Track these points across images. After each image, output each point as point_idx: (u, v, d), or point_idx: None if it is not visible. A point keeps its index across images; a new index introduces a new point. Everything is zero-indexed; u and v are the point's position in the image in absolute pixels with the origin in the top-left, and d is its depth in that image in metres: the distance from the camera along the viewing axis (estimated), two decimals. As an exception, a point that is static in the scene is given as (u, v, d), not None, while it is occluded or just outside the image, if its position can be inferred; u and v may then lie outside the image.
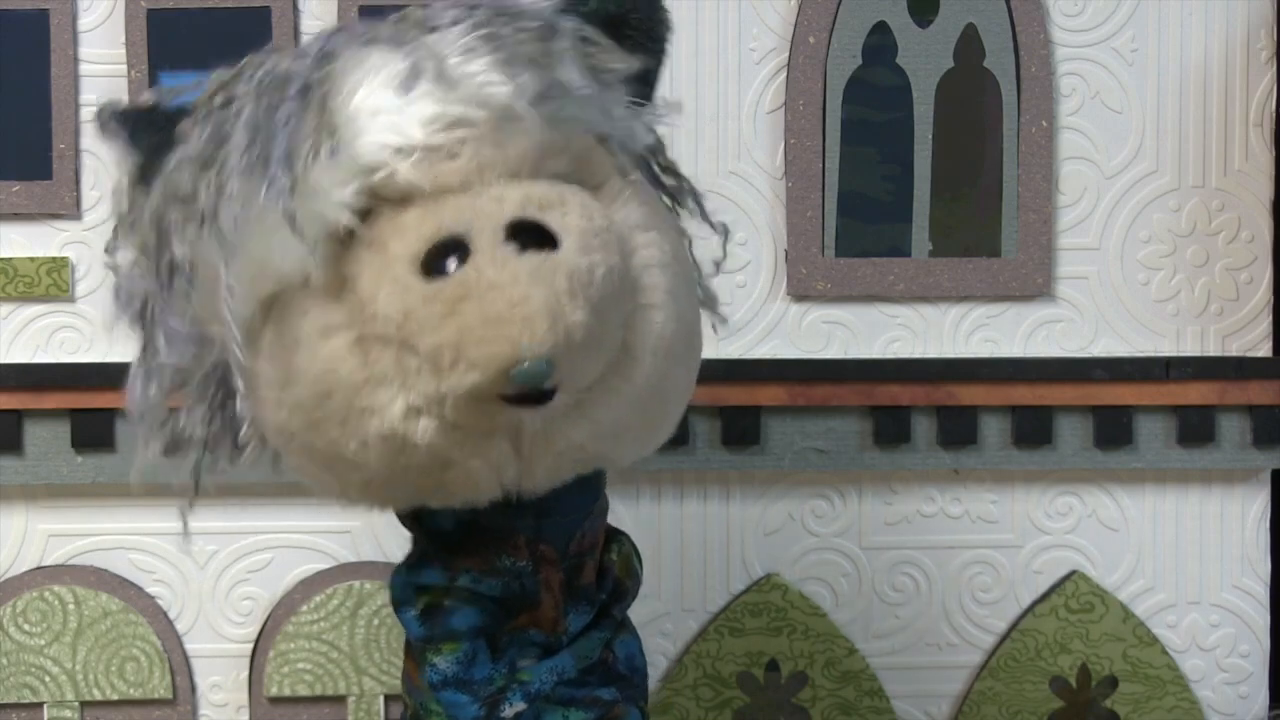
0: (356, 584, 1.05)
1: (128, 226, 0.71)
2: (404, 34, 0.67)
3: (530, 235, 0.64)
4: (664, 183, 0.75)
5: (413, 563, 0.74)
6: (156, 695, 1.04)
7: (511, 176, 0.66)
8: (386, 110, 0.65)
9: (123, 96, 1.02)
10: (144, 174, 0.70)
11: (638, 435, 0.71)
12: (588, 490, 0.73)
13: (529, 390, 0.64)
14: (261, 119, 0.65)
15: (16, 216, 1.03)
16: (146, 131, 0.70)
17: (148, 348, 0.70)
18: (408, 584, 0.74)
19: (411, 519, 0.75)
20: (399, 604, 0.74)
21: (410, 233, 0.65)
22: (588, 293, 0.64)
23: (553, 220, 0.65)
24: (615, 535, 0.76)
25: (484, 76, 0.65)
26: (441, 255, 0.64)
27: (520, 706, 0.72)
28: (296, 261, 0.65)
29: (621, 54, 0.69)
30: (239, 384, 0.68)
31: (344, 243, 0.66)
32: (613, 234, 0.67)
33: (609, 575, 0.75)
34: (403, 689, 0.77)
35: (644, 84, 0.71)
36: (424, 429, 0.65)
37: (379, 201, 0.66)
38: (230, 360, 0.68)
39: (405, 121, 0.65)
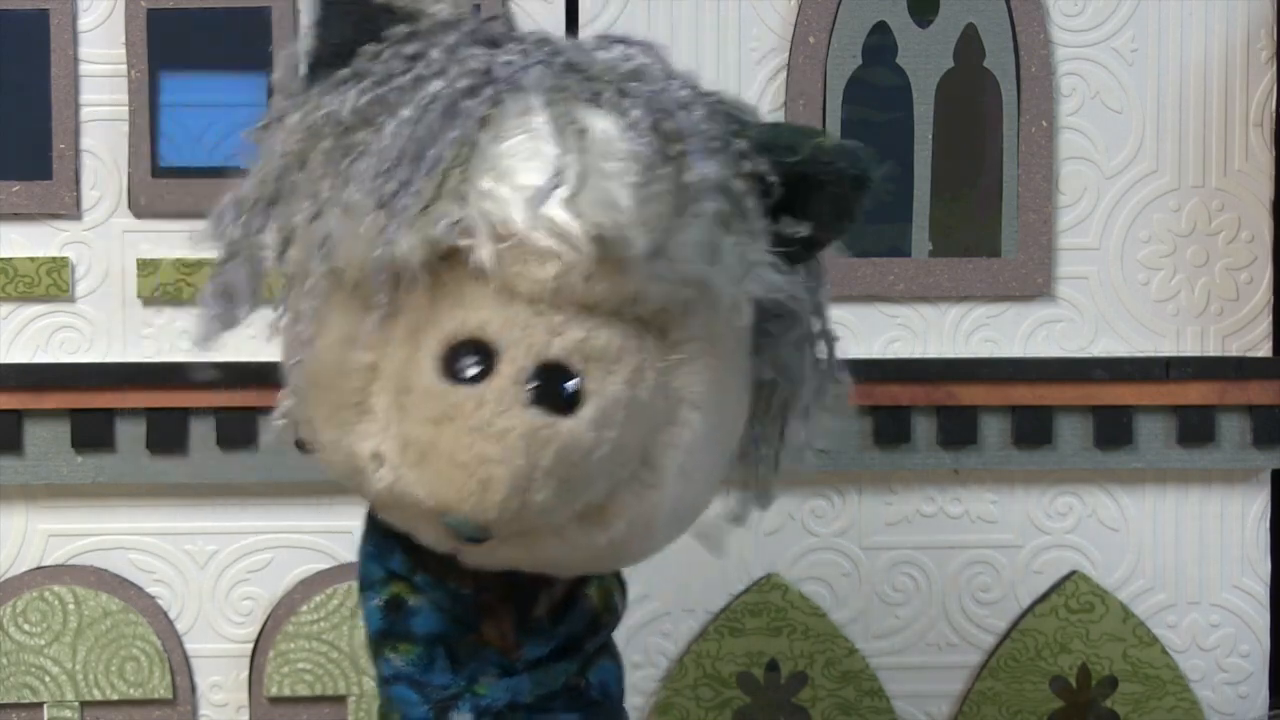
0: (356, 584, 1.04)
1: (262, 127, 0.68)
2: (576, 109, 0.63)
3: (557, 384, 0.62)
4: (774, 355, 0.69)
5: (379, 541, 0.73)
6: (156, 695, 1.04)
7: (585, 308, 0.62)
8: (511, 186, 0.61)
9: (121, 95, 1.02)
10: (313, 71, 0.67)
11: (588, 568, 0.70)
12: None
13: (461, 533, 0.63)
14: (412, 144, 0.62)
15: (16, 216, 1.03)
16: (341, 20, 0.66)
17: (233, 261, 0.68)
18: (375, 571, 0.73)
19: None
20: (364, 586, 0.73)
21: (459, 312, 0.63)
22: (570, 472, 0.61)
23: (592, 377, 0.62)
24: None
25: (619, 206, 0.60)
26: (469, 353, 0.62)
27: (468, 717, 0.71)
28: (360, 267, 0.63)
29: (793, 220, 0.65)
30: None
31: (403, 277, 0.63)
32: (651, 409, 0.63)
33: (581, 608, 0.73)
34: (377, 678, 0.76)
35: (806, 247, 0.67)
36: (381, 478, 0.65)
37: (453, 257, 0.63)
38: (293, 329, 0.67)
39: (519, 208, 0.61)
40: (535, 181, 0.61)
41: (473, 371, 0.62)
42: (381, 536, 0.72)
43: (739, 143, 0.64)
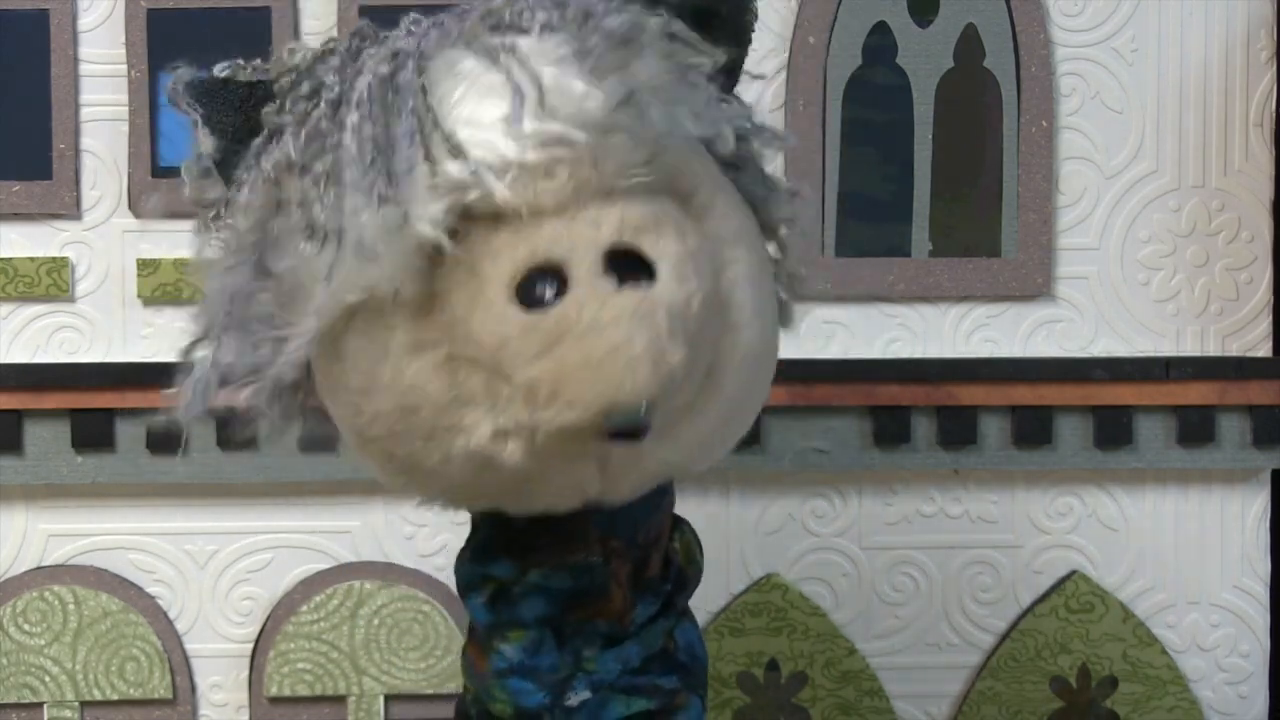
0: (356, 584, 1.05)
1: (213, 219, 0.69)
2: (494, 38, 0.65)
3: (627, 264, 0.63)
4: (749, 184, 0.72)
5: (479, 552, 0.73)
6: (156, 695, 1.04)
7: (605, 194, 0.64)
8: (483, 125, 0.63)
9: (122, 95, 1.02)
10: (225, 162, 0.68)
11: (719, 446, 0.71)
12: (660, 486, 0.73)
13: (626, 430, 0.63)
14: (380, 134, 0.63)
15: (16, 216, 1.03)
16: (223, 111, 0.68)
17: (220, 348, 0.69)
18: (475, 573, 0.73)
19: (481, 513, 0.74)
20: (466, 590, 0.74)
21: (504, 256, 0.63)
22: (686, 328, 0.63)
23: (648, 245, 0.64)
24: (677, 524, 0.76)
25: (580, 91, 0.63)
26: (537, 281, 0.63)
27: (585, 695, 0.72)
28: (389, 276, 0.64)
29: (708, 48, 0.67)
30: (318, 386, 0.67)
31: (434, 258, 0.64)
32: (704, 254, 0.65)
33: (672, 564, 0.74)
34: (464, 674, 0.76)
35: (728, 77, 0.70)
36: (512, 451, 0.65)
37: (471, 218, 0.64)
38: (310, 361, 0.67)
39: (502, 139, 0.63)
40: (503, 109, 0.63)
41: (551, 294, 0.63)
42: (484, 545, 0.73)
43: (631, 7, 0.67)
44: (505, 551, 0.72)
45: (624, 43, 0.65)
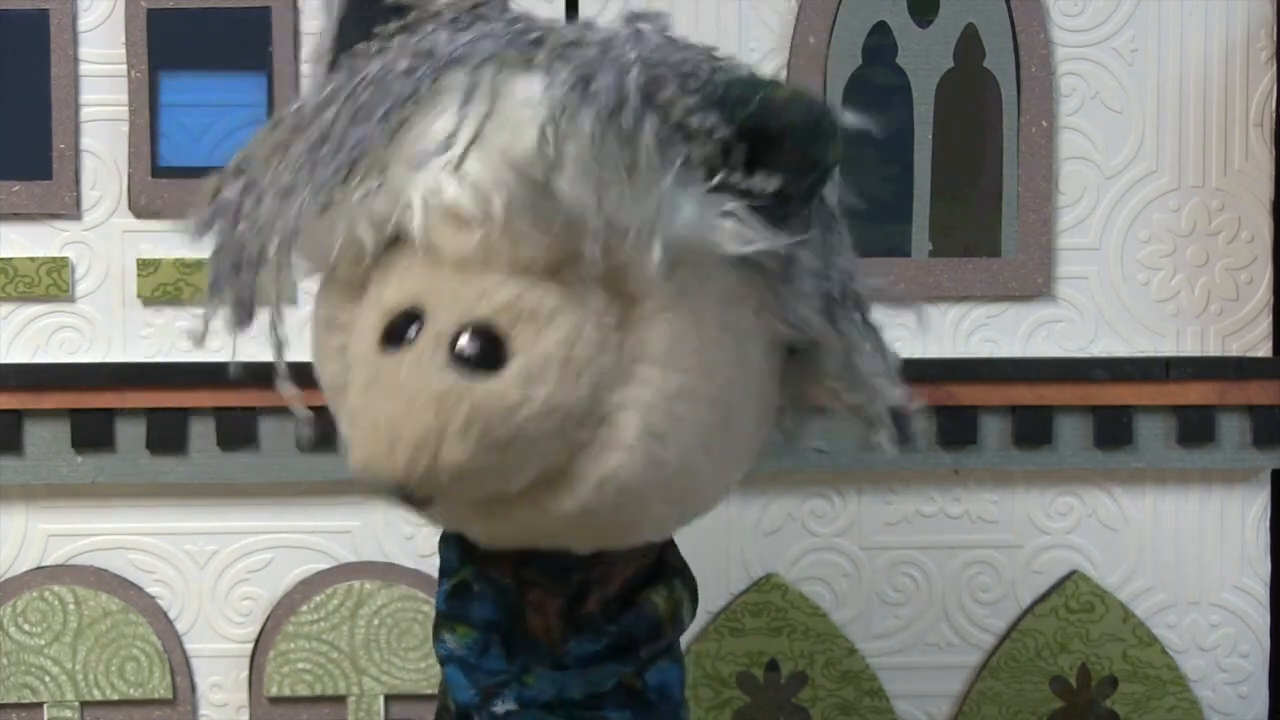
0: (356, 584, 1.05)
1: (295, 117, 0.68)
2: (521, 77, 0.62)
3: (483, 346, 0.61)
4: (788, 316, 0.67)
5: (446, 537, 0.74)
6: (156, 695, 1.04)
7: (520, 267, 0.62)
8: (437, 156, 0.61)
9: (121, 95, 1.02)
10: (336, 56, 0.67)
11: (586, 542, 0.68)
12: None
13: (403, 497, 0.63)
14: (338, 127, 0.63)
15: (16, 216, 1.03)
16: (355, 23, 0.67)
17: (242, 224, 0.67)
18: (449, 559, 0.74)
19: None
20: (441, 573, 0.74)
21: (402, 285, 0.64)
22: (490, 430, 0.60)
23: (521, 336, 0.61)
24: (668, 577, 0.73)
25: (550, 167, 0.60)
26: (407, 322, 0.63)
27: (511, 706, 0.71)
28: (327, 256, 0.66)
29: (764, 174, 0.62)
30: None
31: (364, 253, 0.65)
32: (595, 365, 0.62)
33: (642, 612, 0.71)
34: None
35: (783, 203, 0.64)
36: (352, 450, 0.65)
37: (402, 233, 0.64)
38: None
39: (441, 176, 0.61)
40: (448, 144, 0.61)
41: (409, 341, 0.62)
42: (446, 533, 0.74)
43: (687, 99, 0.62)
44: (455, 538, 0.73)
45: (618, 136, 0.60)
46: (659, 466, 0.64)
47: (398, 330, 0.63)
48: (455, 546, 0.73)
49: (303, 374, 0.67)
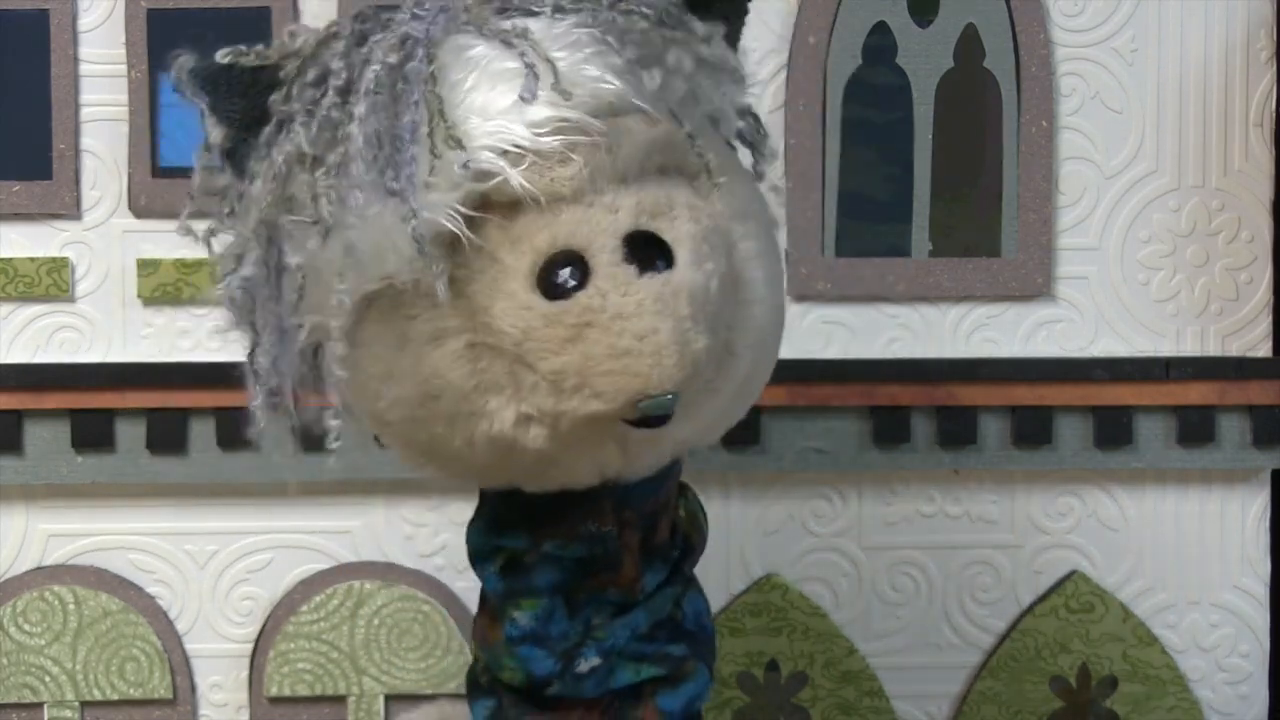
0: (356, 584, 1.05)
1: (227, 214, 0.69)
2: (505, 22, 0.65)
3: (646, 249, 0.64)
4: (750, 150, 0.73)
5: (491, 523, 0.74)
6: (156, 695, 1.04)
7: (620, 179, 0.65)
8: (498, 113, 0.63)
9: (121, 95, 1.02)
10: (235, 151, 0.68)
11: (731, 418, 0.73)
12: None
13: (654, 417, 0.64)
14: (384, 127, 0.63)
15: (16, 216, 1.03)
16: (229, 98, 0.67)
17: (260, 343, 0.69)
18: (487, 543, 0.74)
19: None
20: (477, 559, 0.74)
21: (524, 244, 0.64)
22: (707, 312, 0.64)
23: (665, 229, 0.65)
24: (681, 490, 0.76)
25: (594, 75, 0.64)
26: (558, 268, 0.64)
27: (595, 661, 0.72)
28: (408, 265, 0.64)
29: (707, 25, 0.68)
30: (336, 373, 0.67)
31: (453, 245, 0.64)
32: (718, 233, 0.66)
33: (678, 532, 0.75)
34: (474, 643, 0.77)
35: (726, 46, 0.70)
36: (535, 436, 0.65)
37: (488, 206, 0.64)
38: (328, 351, 0.67)
39: (517, 126, 0.63)
40: (515, 95, 0.63)
41: (573, 282, 0.63)
42: (495, 518, 0.73)
43: None
44: (518, 523, 0.72)
45: (634, 27, 0.65)
46: (777, 306, 0.71)
47: (555, 279, 0.64)
48: (519, 530, 0.72)
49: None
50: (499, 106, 0.63)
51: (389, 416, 0.68)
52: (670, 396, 0.63)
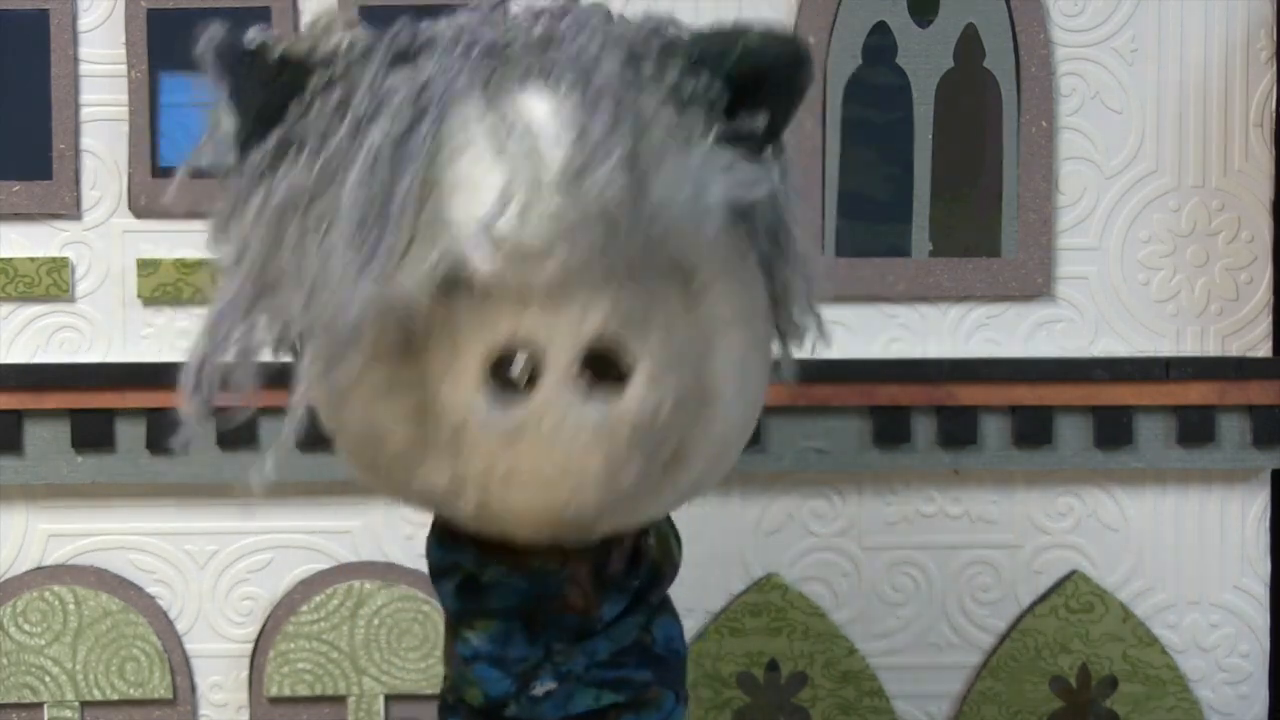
0: (356, 584, 1.05)
1: (227, 216, 0.67)
2: (516, 95, 0.63)
3: (604, 362, 0.62)
4: (765, 241, 0.69)
5: (444, 537, 0.74)
6: (156, 695, 1.04)
7: (604, 278, 0.62)
8: (483, 196, 0.61)
9: (121, 95, 1.02)
10: (247, 143, 0.65)
11: (682, 502, 0.71)
12: None
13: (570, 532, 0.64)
14: (379, 195, 0.61)
15: (16, 216, 1.03)
16: (250, 87, 0.65)
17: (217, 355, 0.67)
18: (445, 559, 0.73)
19: None
20: (436, 575, 0.74)
21: (486, 332, 0.62)
22: (648, 441, 0.62)
23: (633, 342, 0.62)
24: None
25: (595, 177, 0.60)
26: (512, 360, 0.62)
27: (551, 685, 0.72)
28: (371, 333, 0.63)
29: (748, 115, 0.64)
30: (299, 385, 0.65)
31: (424, 312, 0.63)
32: (692, 346, 0.64)
33: (644, 559, 0.74)
34: (443, 658, 0.77)
35: (766, 137, 0.66)
36: (466, 502, 0.65)
37: (461, 284, 0.62)
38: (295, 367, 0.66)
39: (502, 213, 0.61)
40: (505, 175, 0.61)
41: (521, 374, 0.62)
42: (446, 534, 0.73)
43: (672, 66, 0.64)
44: (467, 543, 0.72)
45: (635, 125, 0.62)
46: (748, 417, 0.69)
47: (507, 375, 0.62)
48: (467, 549, 0.72)
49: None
50: (487, 190, 0.61)
51: (339, 441, 0.68)
52: (590, 515, 0.63)
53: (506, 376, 0.62)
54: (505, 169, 0.61)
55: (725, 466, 0.70)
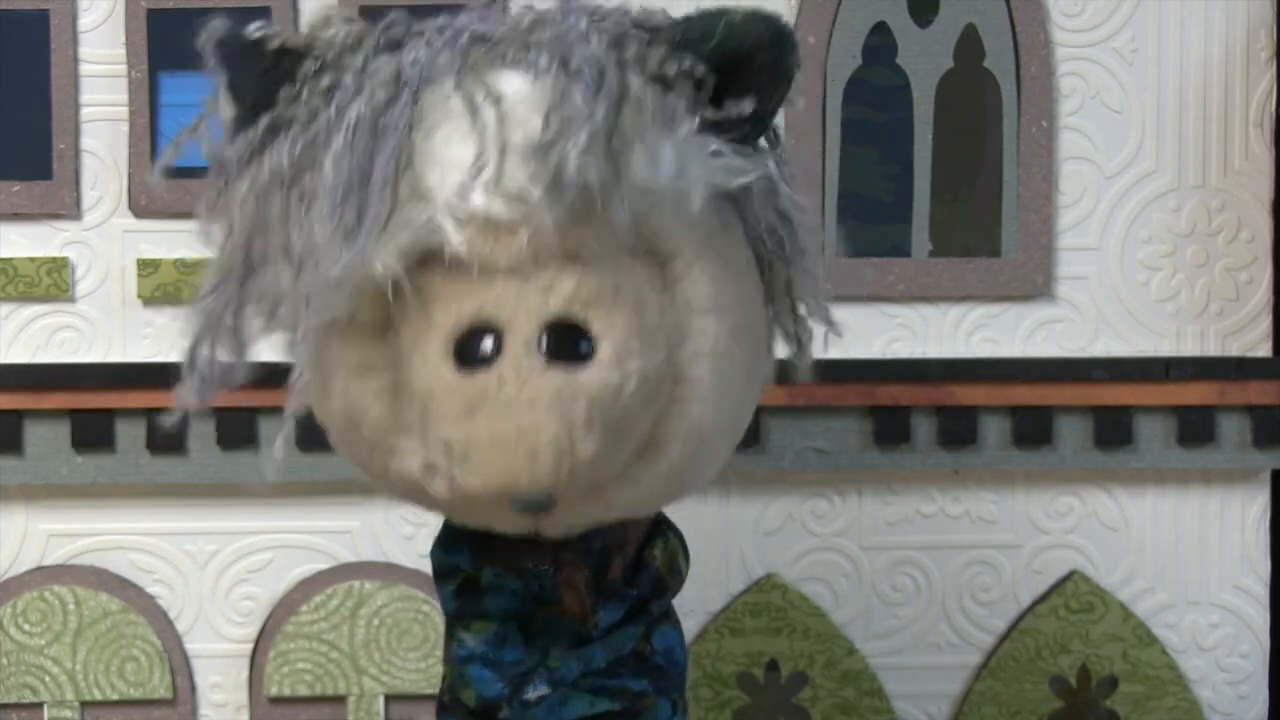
0: (356, 584, 1.05)
1: (216, 198, 0.68)
2: (488, 77, 0.64)
3: (569, 335, 0.62)
4: (763, 235, 0.69)
5: (445, 540, 0.74)
6: (156, 695, 1.04)
7: (569, 258, 0.63)
8: (456, 172, 0.62)
9: (121, 95, 1.02)
10: (239, 131, 0.67)
11: (665, 500, 0.71)
12: None
13: (528, 507, 0.64)
14: (358, 168, 0.62)
15: (16, 216, 1.03)
16: (246, 77, 0.66)
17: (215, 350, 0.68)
18: (446, 561, 0.74)
19: None
20: (437, 577, 0.74)
21: (453, 307, 0.63)
22: (607, 416, 0.62)
23: (596, 319, 0.63)
24: (662, 531, 0.75)
25: (558, 152, 0.61)
26: (477, 337, 0.63)
27: (544, 691, 0.72)
28: (348, 306, 0.64)
29: (735, 101, 0.65)
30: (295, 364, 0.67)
31: (397, 288, 0.64)
32: (663, 328, 0.64)
33: (648, 570, 0.74)
34: (444, 658, 0.77)
35: (753, 125, 0.67)
36: (439, 487, 0.65)
37: (434, 260, 0.63)
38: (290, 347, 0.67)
39: (472, 188, 0.62)
40: (475, 153, 0.62)
41: (487, 355, 0.63)
42: (449, 534, 0.73)
43: (656, 50, 0.64)
44: (463, 545, 0.73)
45: (613, 101, 0.62)
46: (729, 408, 0.67)
47: (469, 349, 0.63)
48: (464, 550, 0.73)
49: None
50: (459, 165, 0.62)
51: (326, 428, 0.69)
52: (543, 496, 0.62)
53: (470, 354, 0.63)
54: (478, 142, 0.62)
55: (712, 462, 0.70)
